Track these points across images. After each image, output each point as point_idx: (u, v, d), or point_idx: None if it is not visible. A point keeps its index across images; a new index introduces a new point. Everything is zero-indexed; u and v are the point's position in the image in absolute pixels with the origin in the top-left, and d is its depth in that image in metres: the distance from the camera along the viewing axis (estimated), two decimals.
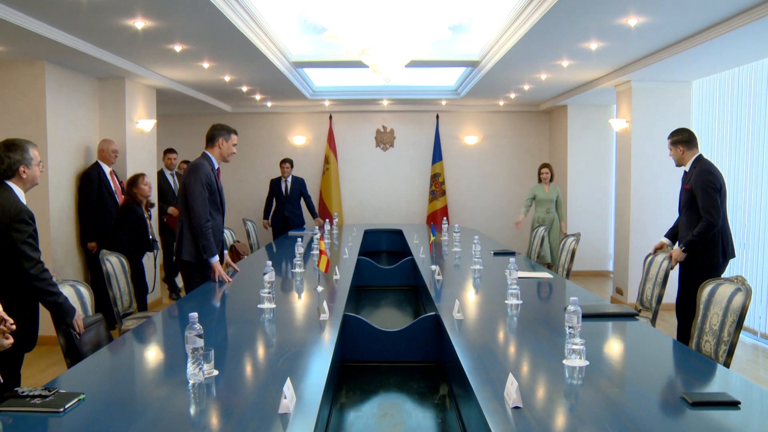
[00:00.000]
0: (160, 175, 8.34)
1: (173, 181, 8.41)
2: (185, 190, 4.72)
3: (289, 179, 9.40)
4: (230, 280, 4.66)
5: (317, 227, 8.76)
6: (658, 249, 5.08)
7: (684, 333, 4.82)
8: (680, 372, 2.71)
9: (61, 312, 3.32)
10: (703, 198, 4.81)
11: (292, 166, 9.47)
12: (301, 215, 9.53)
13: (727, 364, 3.03)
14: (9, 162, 3.43)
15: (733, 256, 5.03)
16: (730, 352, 3.08)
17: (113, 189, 6.75)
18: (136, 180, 6.04)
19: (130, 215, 5.94)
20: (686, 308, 4.92)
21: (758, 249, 6.46)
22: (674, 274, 5.26)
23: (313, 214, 9.42)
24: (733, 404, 2.16)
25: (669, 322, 6.89)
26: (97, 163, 6.76)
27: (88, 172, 6.72)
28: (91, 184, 6.65)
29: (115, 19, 5.01)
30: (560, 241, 7.14)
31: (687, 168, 5.08)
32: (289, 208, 9.35)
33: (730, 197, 6.98)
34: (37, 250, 3.36)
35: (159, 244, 6.70)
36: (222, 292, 4.43)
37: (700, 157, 5.02)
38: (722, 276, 4.94)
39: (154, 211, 7.48)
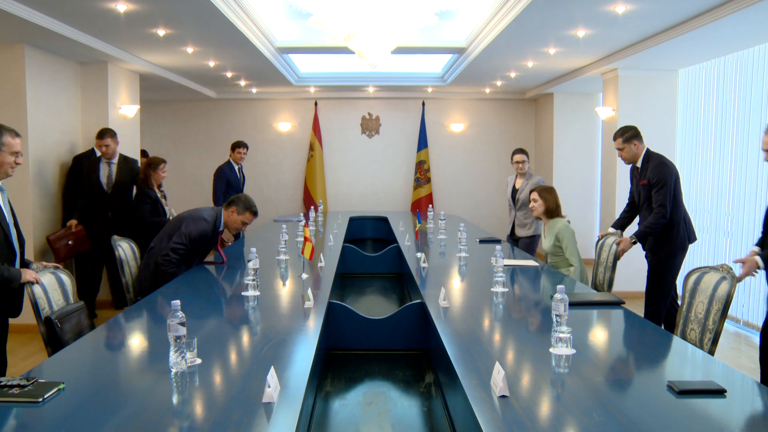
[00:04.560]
0: (228, 167, 8.06)
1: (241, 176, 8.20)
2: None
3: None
4: None
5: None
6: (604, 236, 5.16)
7: (652, 320, 4.88)
8: (666, 360, 2.71)
9: (6, 280, 3.33)
10: (660, 192, 4.91)
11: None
12: None
13: (711, 352, 3.04)
14: None
15: (696, 239, 5.17)
16: (715, 340, 3.09)
17: (103, 181, 6.68)
18: (156, 164, 6.15)
19: (145, 199, 6.07)
20: (656, 295, 5.02)
21: (742, 238, 6.50)
22: (641, 261, 5.34)
23: None
24: (719, 392, 2.16)
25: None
26: (92, 150, 6.76)
27: (80, 157, 6.76)
28: (81, 168, 6.65)
29: (97, 1, 4.91)
30: None
31: (639, 163, 5.11)
32: None
33: (715, 186, 7.04)
34: None
35: None
36: (205, 279, 4.39)
37: (649, 151, 5.10)
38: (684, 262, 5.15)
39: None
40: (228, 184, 7.97)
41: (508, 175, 11.37)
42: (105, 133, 6.34)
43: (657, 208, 4.87)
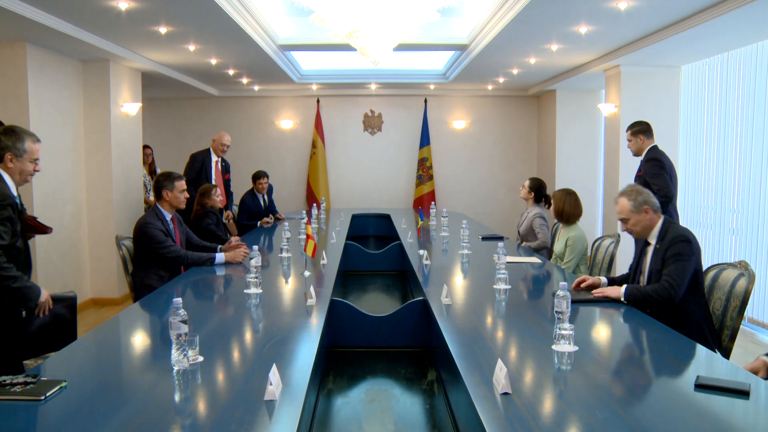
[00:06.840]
0: (250, 196, 8.07)
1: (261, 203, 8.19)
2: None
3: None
4: None
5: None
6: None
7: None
8: (669, 357, 2.70)
9: (25, 296, 3.23)
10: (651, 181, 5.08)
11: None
12: None
13: (729, 349, 3.04)
14: None
15: None
16: (733, 337, 3.11)
17: (213, 176, 7.08)
18: (209, 192, 6.25)
19: (206, 220, 6.10)
20: None
21: (747, 234, 6.48)
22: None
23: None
24: (742, 393, 2.13)
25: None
26: (208, 150, 7.16)
27: (195, 155, 7.13)
28: (193, 165, 7.00)
29: None
30: None
31: (643, 157, 5.34)
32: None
33: (719, 182, 7.02)
34: (2, 237, 3.15)
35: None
36: (207, 276, 4.39)
37: (654, 148, 5.25)
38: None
39: None
40: (249, 213, 7.96)
41: (510, 175, 11.42)
42: None
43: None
